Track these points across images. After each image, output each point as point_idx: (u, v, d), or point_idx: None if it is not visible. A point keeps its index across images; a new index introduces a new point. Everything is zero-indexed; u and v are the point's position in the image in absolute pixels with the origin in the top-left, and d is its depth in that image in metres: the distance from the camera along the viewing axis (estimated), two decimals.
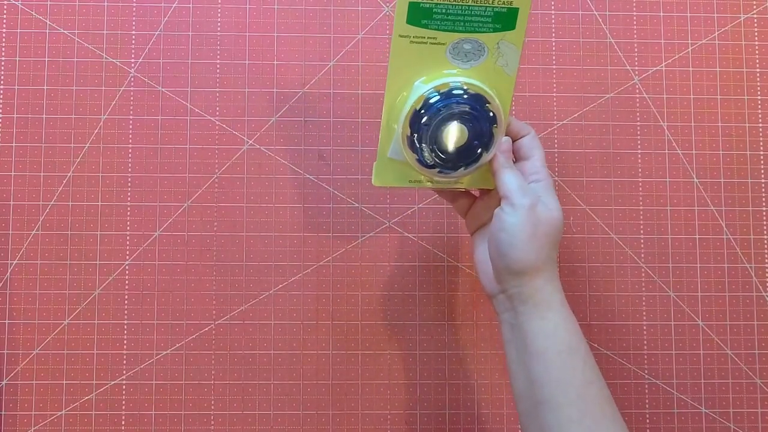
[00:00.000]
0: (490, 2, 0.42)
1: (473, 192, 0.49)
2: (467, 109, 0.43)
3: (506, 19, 0.43)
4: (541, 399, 0.41)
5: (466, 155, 0.44)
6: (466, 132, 0.43)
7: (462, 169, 0.44)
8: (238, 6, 0.59)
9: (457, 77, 0.44)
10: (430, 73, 0.44)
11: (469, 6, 0.42)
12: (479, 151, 0.44)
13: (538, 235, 0.42)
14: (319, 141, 0.58)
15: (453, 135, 0.43)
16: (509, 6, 0.42)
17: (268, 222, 0.58)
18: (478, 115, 0.43)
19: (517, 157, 0.46)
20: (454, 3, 0.42)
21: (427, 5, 0.42)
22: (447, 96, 0.43)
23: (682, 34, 0.60)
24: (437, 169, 0.44)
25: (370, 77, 0.59)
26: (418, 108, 0.43)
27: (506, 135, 0.45)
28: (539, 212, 0.43)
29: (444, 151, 0.44)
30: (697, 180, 0.59)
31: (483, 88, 0.43)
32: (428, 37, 0.43)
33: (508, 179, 0.43)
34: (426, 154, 0.44)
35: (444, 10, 0.42)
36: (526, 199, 0.42)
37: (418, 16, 0.42)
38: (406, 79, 0.44)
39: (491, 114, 0.43)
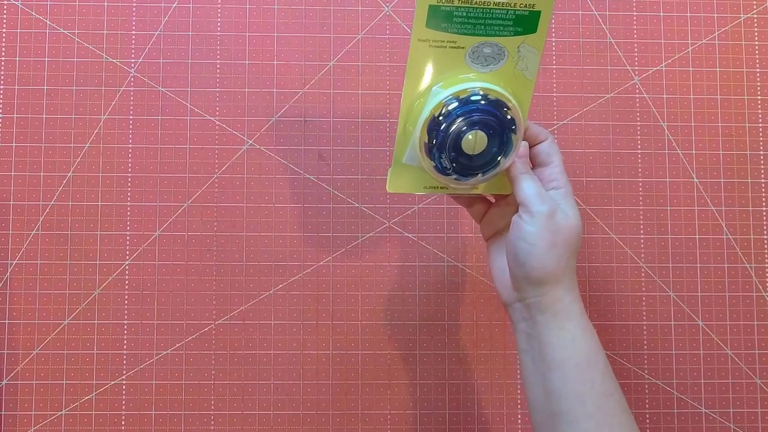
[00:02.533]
0: (512, 5, 0.41)
1: (489, 197, 0.48)
2: (486, 116, 0.42)
3: (528, 22, 0.42)
4: (559, 411, 0.40)
5: (484, 162, 0.43)
6: (485, 139, 0.42)
7: (480, 175, 0.43)
8: (238, 6, 0.59)
9: (477, 82, 0.43)
10: (449, 77, 0.43)
11: (490, 9, 0.41)
12: (498, 158, 0.43)
13: (558, 243, 0.41)
14: (319, 141, 0.58)
15: (472, 142, 0.42)
16: (531, 9, 0.41)
17: (268, 222, 0.58)
18: (497, 122, 0.42)
19: (535, 163, 0.45)
20: (475, 6, 0.41)
21: (448, 8, 0.41)
22: (466, 102, 0.42)
23: (682, 34, 0.60)
24: (454, 176, 0.43)
25: (370, 77, 0.59)
26: (436, 114, 0.42)
27: (524, 140, 0.44)
28: (558, 220, 0.41)
29: (462, 158, 0.43)
30: (697, 180, 0.59)
31: (503, 94, 0.42)
32: (448, 41, 0.42)
33: (527, 186, 0.42)
34: (444, 161, 0.43)
35: (465, 14, 0.41)
36: (545, 207, 0.41)
37: (437, 19, 0.41)
38: (424, 84, 0.43)
39: (510, 119, 0.42)
